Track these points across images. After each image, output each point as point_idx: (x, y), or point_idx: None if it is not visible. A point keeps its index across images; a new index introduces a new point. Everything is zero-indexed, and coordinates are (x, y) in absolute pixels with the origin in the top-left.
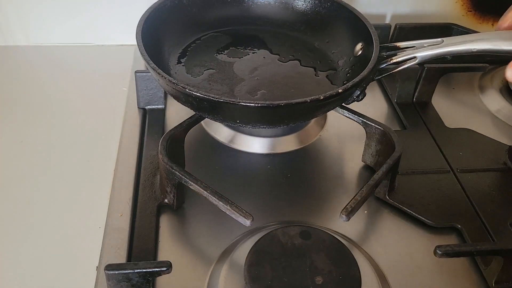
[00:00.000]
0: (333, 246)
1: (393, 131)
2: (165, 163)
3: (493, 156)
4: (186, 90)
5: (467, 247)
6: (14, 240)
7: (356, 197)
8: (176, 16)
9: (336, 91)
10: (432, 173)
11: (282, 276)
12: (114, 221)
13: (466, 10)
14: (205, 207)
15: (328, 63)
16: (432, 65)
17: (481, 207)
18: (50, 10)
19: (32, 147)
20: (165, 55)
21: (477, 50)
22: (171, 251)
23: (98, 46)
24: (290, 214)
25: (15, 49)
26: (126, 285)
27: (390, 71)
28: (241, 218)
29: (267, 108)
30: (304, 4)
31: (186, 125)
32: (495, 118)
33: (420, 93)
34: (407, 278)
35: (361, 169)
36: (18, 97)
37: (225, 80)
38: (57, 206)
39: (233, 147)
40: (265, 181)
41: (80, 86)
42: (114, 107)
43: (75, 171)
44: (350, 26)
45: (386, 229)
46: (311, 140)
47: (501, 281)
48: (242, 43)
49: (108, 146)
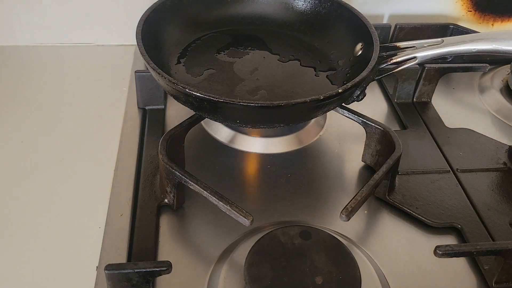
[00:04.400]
0: (333, 246)
1: (393, 131)
2: (165, 163)
3: (493, 156)
4: (186, 90)
5: (467, 247)
6: (14, 240)
7: (356, 197)
8: (176, 16)
9: (336, 91)
10: (432, 173)
11: (282, 276)
12: (114, 221)
13: (466, 10)
14: (205, 207)
15: (328, 63)
16: (432, 65)
17: (481, 207)
18: (50, 10)
19: (32, 147)
20: (165, 55)
21: (477, 50)
22: (171, 251)
23: (98, 46)
24: (290, 214)
25: (15, 49)
26: (126, 285)
27: (390, 71)
28: (241, 218)
29: (267, 108)
30: (304, 4)
31: (186, 125)
32: (495, 118)
33: (420, 93)
34: (407, 278)
35: (361, 169)
36: (18, 97)
37: (225, 80)
38: (57, 206)
39: (233, 147)
40: (265, 181)
41: (80, 86)
42: (114, 107)
43: (75, 171)
44: (350, 26)
45: (386, 229)
46: (311, 140)
47: (501, 281)
48: (242, 43)
49: (108, 146)
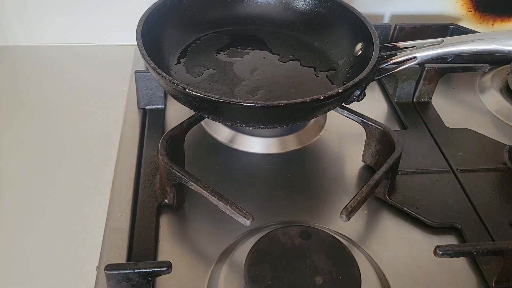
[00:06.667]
0: (333, 246)
1: (393, 131)
2: (165, 163)
3: (493, 156)
4: (186, 90)
5: (467, 247)
6: (14, 240)
7: (356, 197)
8: (176, 16)
9: (336, 91)
10: (432, 173)
11: (282, 276)
12: (114, 221)
13: (466, 10)
14: (205, 207)
15: (328, 63)
16: (432, 65)
17: (481, 207)
18: (50, 10)
19: (32, 147)
20: (165, 55)
21: (477, 50)
22: (171, 251)
23: (98, 46)
24: (290, 214)
25: (15, 49)
26: (126, 285)
27: (390, 71)
28: (241, 218)
29: (267, 108)
30: (304, 4)
31: (186, 125)
32: (495, 118)
33: (420, 93)
34: (407, 278)
35: (361, 169)
36: (18, 97)
37: (225, 80)
38: (57, 206)
39: (233, 147)
40: (265, 181)
41: (80, 86)
42: (114, 107)
43: (75, 171)
44: (350, 26)
45: (386, 229)
46: (311, 140)
47: (501, 281)
48: (242, 43)
49: (108, 146)
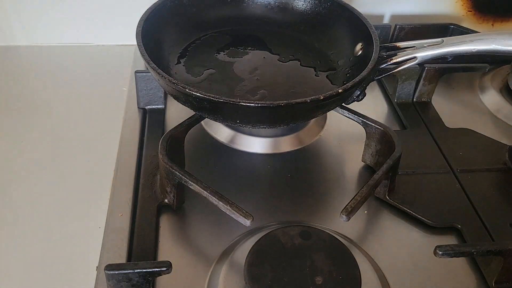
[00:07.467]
0: (333, 246)
1: (393, 131)
2: (165, 163)
3: (493, 156)
4: (186, 90)
5: (467, 247)
6: (14, 240)
7: (356, 197)
8: (176, 16)
9: (336, 91)
10: (432, 173)
11: (282, 276)
12: (114, 221)
13: (466, 10)
14: (205, 207)
15: (328, 63)
16: (432, 65)
17: (481, 207)
18: (50, 10)
19: (32, 147)
20: (165, 55)
21: (477, 50)
22: (171, 251)
23: (98, 46)
24: (290, 214)
25: (15, 49)
26: (126, 285)
27: (390, 71)
28: (241, 218)
29: (267, 108)
30: (304, 4)
31: (186, 125)
32: (495, 118)
33: (420, 93)
34: (407, 278)
35: (361, 169)
36: (18, 97)
37: (225, 80)
38: (57, 206)
39: (233, 147)
40: (265, 181)
41: (80, 86)
42: (114, 107)
43: (75, 171)
44: (350, 26)
45: (386, 229)
46: (311, 140)
47: (501, 281)
48: (242, 43)
49: (108, 146)
